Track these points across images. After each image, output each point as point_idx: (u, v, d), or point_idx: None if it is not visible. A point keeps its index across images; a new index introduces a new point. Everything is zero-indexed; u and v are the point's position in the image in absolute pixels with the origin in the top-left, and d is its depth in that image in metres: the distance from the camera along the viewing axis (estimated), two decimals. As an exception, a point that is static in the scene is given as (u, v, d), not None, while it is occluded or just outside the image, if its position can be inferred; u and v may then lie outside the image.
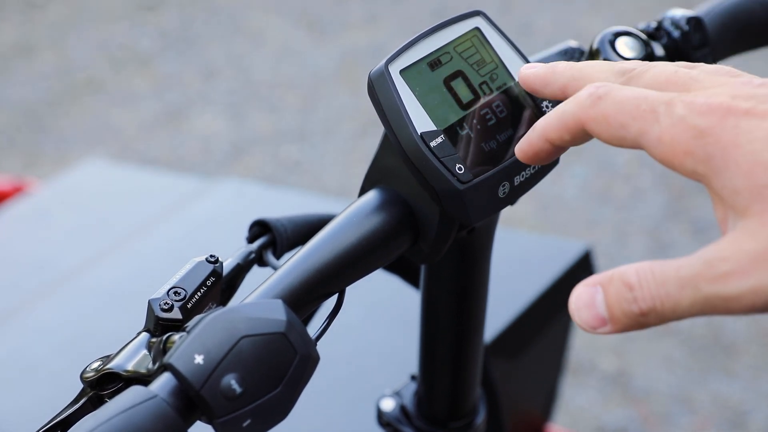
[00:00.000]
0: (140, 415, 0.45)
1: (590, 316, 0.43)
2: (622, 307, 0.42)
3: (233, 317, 0.47)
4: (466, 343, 0.73)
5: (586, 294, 0.44)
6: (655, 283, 0.42)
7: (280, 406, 0.47)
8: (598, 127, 0.46)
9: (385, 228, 0.58)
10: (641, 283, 0.42)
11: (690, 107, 0.43)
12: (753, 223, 0.41)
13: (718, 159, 0.42)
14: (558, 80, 0.51)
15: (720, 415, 2.14)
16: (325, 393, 1.07)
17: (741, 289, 0.40)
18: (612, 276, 0.43)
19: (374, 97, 0.56)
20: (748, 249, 0.40)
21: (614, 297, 0.42)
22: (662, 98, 0.44)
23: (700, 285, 0.41)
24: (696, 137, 0.42)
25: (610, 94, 0.45)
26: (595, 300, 0.43)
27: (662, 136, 0.43)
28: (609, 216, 2.72)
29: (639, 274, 0.42)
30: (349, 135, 3.16)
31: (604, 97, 0.45)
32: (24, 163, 3.14)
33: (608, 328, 0.43)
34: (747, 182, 0.41)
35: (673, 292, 0.41)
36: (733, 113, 0.42)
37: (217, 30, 3.79)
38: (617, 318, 0.43)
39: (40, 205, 1.53)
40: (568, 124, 0.47)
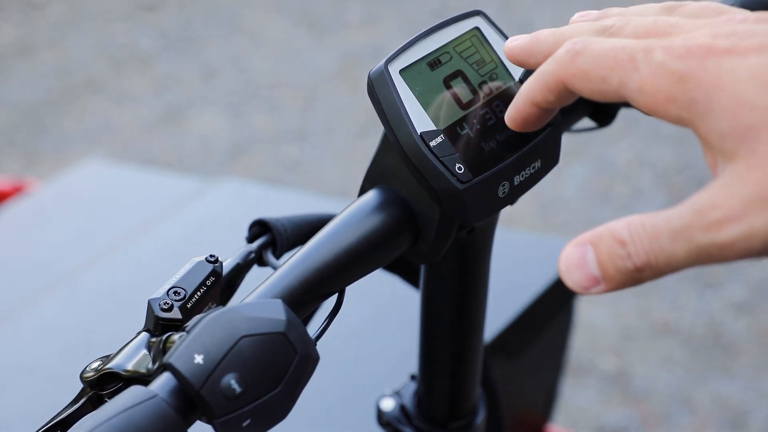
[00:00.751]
0: (140, 414, 0.44)
1: (582, 276, 0.42)
2: (615, 264, 0.41)
3: (233, 317, 0.47)
4: (466, 343, 0.73)
5: (575, 253, 0.42)
6: (648, 237, 0.40)
7: (280, 406, 0.47)
8: (579, 83, 0.45)
9: (384, 228, 0.58)
10: (633, 237, 0.40)
11: (669, 52, 0.42)
12: (741, 167, 0.40)
13: (702, 103, 0.41)
14: (542, 48, 0.50)
15: (720, 415, 2.15)
16: (325, 393, 1.07)
17: (735, 235, 0.39)
18: (602, 233, 0.41)
19: (374, 96, 0.56)
20: (739, 193, 0.39)
21: (606, 254, 0.41)
22: (640, 45, 0.43)
23: (693, 234, 0.40)
24: (677, 82, 0.41)
25: (587, 47, 0.45)
26: (586, 259, 0.42)
27: (643, 84, 0.42)
28: (609, 216, 2.72)
29: (630, 228, 0.41)
30: (349, 135, 3.16)
31: (581, 52, 0.45)
32: (24, 163, 3.14)
33: (602, 287, 0.42)
34: (732, 124, 0.40)
35: (667, 244, 0.40)
36: (713, 53, 0.41)
37: (217, 30, 3.79)
38: (611, 276, 0.41)
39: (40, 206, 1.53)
40: (550, 84, 0.46)
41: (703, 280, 2.48)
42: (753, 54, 0.41)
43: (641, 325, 2.38)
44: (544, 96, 0.47)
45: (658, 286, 2.48)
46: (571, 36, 0.48)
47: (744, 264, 2.50)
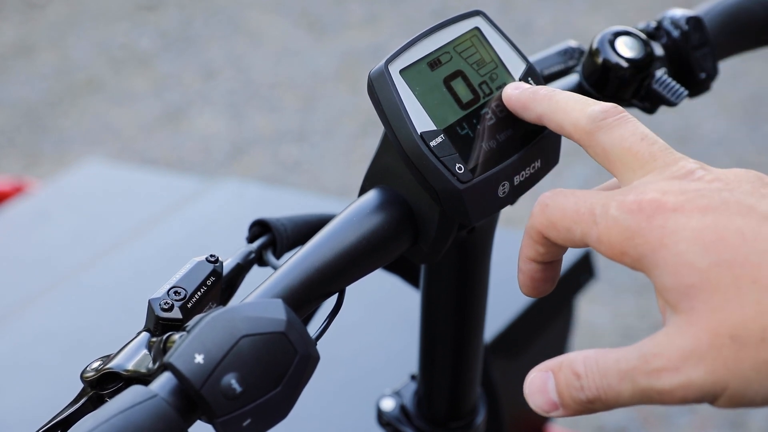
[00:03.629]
0: (140, 414, 0.45)
1: (543, 401, 0.45)
2: (571, 395, 0.44)
3: (233, 317, 0.47)
4: (466, 343, 0.73)
5: (538, 379, 0.45)
6: (599, 374, 0.43)
7: (281, 406, 0.47)
8: (550, 233, 0.48)
9: (385, 228, 0.58)
10: (587, 372, 0.43)
11: (622, 207, 0.44)
12: (682, 320, 0.42)
13: (649, 258, 0.43)
14: (536, 108, 0.53)
15: (720, 415, 2.15)
16: (325, 393, 1.07)
17: (672, 384, 0.42)
18: (562, 363, 0.44)
19: (374, 96, 0.56)
20: (678, 346, 0.42)
21: (564, 384, 0.44)
22: (599, 199, 0.46)
23: (637, 378, 0.42)
24: (628, 238, 0.44)
25: (554, 200, 0.47)
26: (547, 386, 0.45)
27: (600, 237, 0.45)
28: (609, 216, 2.72)
29: (585, 363, 0.44)
30: (349, 135, 3.16)
31: (550, 205, 0.48)
32: (24, 163, 3.14)
33: (560, 413, 0.45)
34: (675, 281, 0.42)
35: (614, 383, 0.43)
36: (661, 211, 0.44)
37: (217, 30, 3.79)
38: (567, 404, 0.44)
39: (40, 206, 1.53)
40: (533, 237, 0.49)
41: (703, 280, 2.48)
42: (697, 214, 0.43)
43: (641, 325, 2.38)
44: (534, 250, 0.50)
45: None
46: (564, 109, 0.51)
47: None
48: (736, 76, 3.15)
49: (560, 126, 0.51)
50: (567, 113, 0.50)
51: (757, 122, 3.05)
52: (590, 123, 0.49)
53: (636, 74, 0.68)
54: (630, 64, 0.67)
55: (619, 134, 0.48)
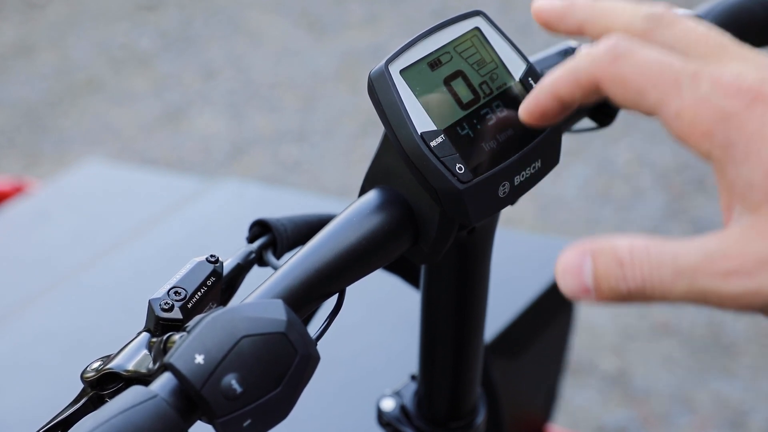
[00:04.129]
0: (140, 414, 0.45)
1: (575, 283, 0.41)
2: (609, 282, 0.40)
3: (233, 317, 0.47)
4: (466, 343, 0.73)
5: (574, 260, 0.41)
6: (650, 266, 0.40)
7: (281, 406, 0.47)
8: (613, 88, 0.42)
9: (385, 228, 0.58)
10: (634, 261, 0.40)
11: (717, 85, 0.40)
12: (762, 222, 0.39)
13: (739, 147, 0.39)
14: (576, 15, 0.47)
15: (720, 415, 2.15)
16: (325, 393, 1.07)
17: (741, 290, 0.38)
18: (603, 247, 0.41)
19: (374, 96, 0.56)
20: (754, 249, 0.39)
21: (603, 270, 0.40)
22: (687, 69, 0.41)
23: (698, 278, 0.39)
24: (719, 120, 0.40)
25: (631, 53, 0.42)
26: (583, 268, 0.41)
27: (682, 111, 0.41)
28: (609, 216, 2.72)
29: (633, 251, 0.40)
30: (349, 135, 3.16)
31: (623, 57, 0.42)
32: (24, 163, 3.14)
33: (591, 297, 0.41)
34: (766, 178, 0.39)
35: (667, 278, 0.39)
36: (762, 100, 0.40)
37: (217, 30, 3.79)
38: (602, 291, 0.41)
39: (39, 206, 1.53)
40: (581, 81, 0.44)
41: (703, 280, 2.48)
42: None
43: (641, 325, 2.38)
44: (571, 91, 0.44)
45: (658, 286, 2.48)
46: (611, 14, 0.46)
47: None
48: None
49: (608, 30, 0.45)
50: (616, 15, 0.45)
51: (757, 122, 3.05)
52: (647, 21, 0.44)
53: (636, 74, 0.68)
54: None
55: (680, 30, 0.43)
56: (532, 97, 0.46)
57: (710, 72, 0.41)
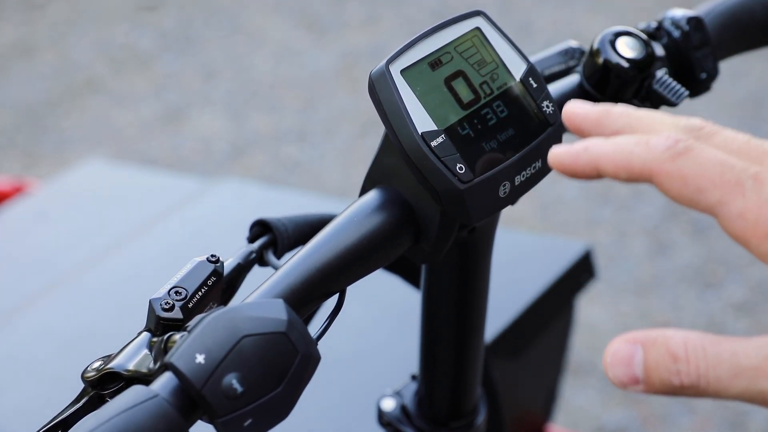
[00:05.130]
0: (141, 414, 0.45)
1: (624, 374, 0.41)
2: (660, 375, 0.40)
3: (234, 317, 0.47)
4: (467, 343, 0.73)
5: (624, 351, 0.41)
6: (706, 363, 0.40)
7: (281, 406, 0.47)
8: (670, 184, 0.42)
9: (385, 228, 0.58)
10: (689, 357, 0.40)
11: None
12: None
13: None
14: (614, 123, 0.46)
15: (720, 415, 2.15)
16: (325, 393, 1.07)
17: None
18: (656, 339, 0.41)
19: (375, 96, 0.56)
20: None
21: (654, 362, 0.40)
22: (749, 171, 0.41)
23: (758, 379, 0.39)
24: None
25: (693, 152, 0.42)
26: (634, 359, 0.41)
27: (745, 212, 0.41)
28: (609, 216, 2.72)
29: (688, 347, 0.40)
30: (349, 135, 3.16)
31: (685, 155, 0.42)
32: (24, 163, 3.14)
33: (640, 389, 0.41)
34: None
35: (725, 377, 0.39)
36: None
37: (217, 30, 3.79)
38: (653, 383, 0.41)
39: (40, 206, 1.53)
40: (634, 168, 0.43)
41: (703, 281, 2.48)
42: None
43: (641, 325, 2.38)
44: (616, 171, 0.43)
45: (658, 287, 2.48)
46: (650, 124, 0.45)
47: (744, 264, 2.50)
48: (736, 76, 3.15)
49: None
50: (656, 125, 0.45)
51: (757, 122, 3.05)
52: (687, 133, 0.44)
53: (637, 74, 0.68)
54: (631, 64, 0.67)
55: (722, 139, 0.43)
56: (570, 152, 0.45)
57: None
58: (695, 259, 2.55)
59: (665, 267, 2.54)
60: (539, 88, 0.58)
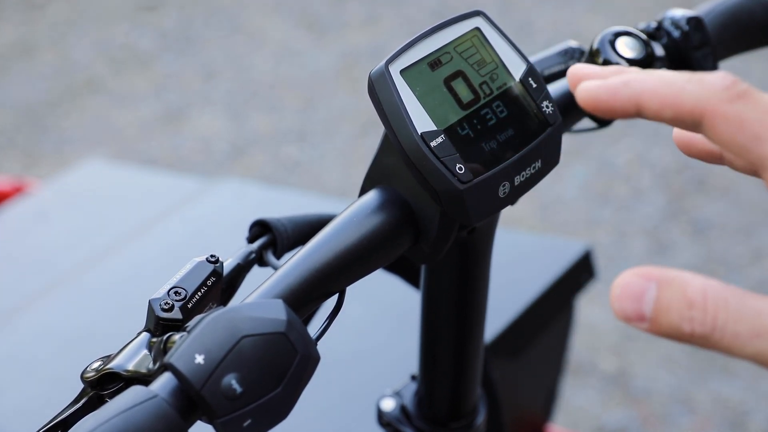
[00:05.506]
0: (141, 414, 0.45)
1: (632, 309, 0.38)
2: (671, 319, 0.37)
3: (234, 317, 0.47)
4: (467, 343, 0.73)
5: (636, 285, 0.38)
6: (726, 316, 0.37)
7: (281, 406, 0.47)
8: (725, 128, 0.38)
9: (385, 228, 0.58)
10: (707, 306, 0.37)
11: None
12: None
13: None
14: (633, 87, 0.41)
15: (720, 416, 2.15)
16: (325, 393, 1.07)
17: None
18: (673, 279, 0.38)
19: (374, 97, 0.56)
20: None
21: (667, 304, 0.37)
22: None
23: None
24: None
25: (753, 96, 0.39)
26: (645, 296, 0.38)
27: None
28: (609, 216, 2.72)
29: (708, 295, 0.37)
30: (349, 135, 3.16)
31: (744, 98, 0.39)
32: (24, 163, 3.14)
33: (645, 327, 0.38)
34: None
35: (744, 334, 0.36)
36: None
37: (217, 30, 3.79)
38: (660, 324, 0.38)
39: (40, 206, 1.53)
40: (684, 106, 0.39)
41: (703, 281, 2.48)
42: None
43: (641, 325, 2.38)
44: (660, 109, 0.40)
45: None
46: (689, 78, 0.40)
47: (744, 264, 2.50)
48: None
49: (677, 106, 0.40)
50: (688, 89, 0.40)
51: (757, 122, 3.05)
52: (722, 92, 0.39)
53: (636, 74, 0.68)
54: (630, 64, 0.67)
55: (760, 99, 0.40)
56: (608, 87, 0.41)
57: None
58: (695, 259, 2.55)
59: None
60: (539, 88, 0.58)
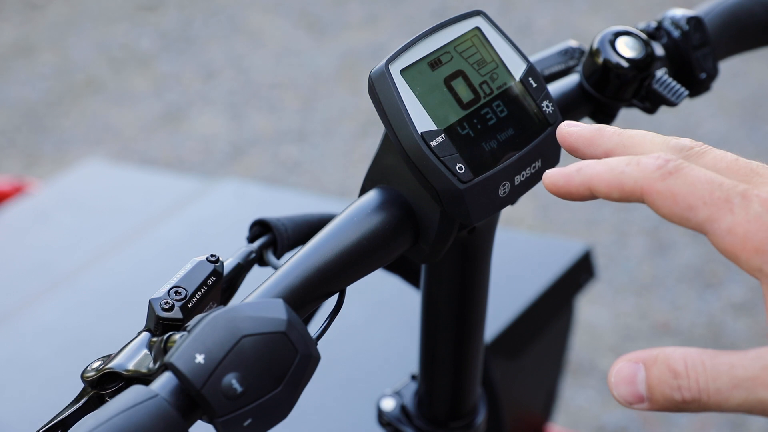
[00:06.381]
0: (141, 414, 0.45)
1: (628, 392, 0.43)
2: (663, 392, 0.42)
3: (234, 316, 0.47)
4: (467, 343, 0.73)
5: (627, 370, 0.43)
6: (705, 377, 0.41)
7: (281, 406, 0.47)
8: (661, 203, 0.43)
9: (385, 228, 0.58)
10: (689, 373, 0.41)
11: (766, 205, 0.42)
12: None
13: None
14: (605, 143, 0.48)
15: (720, 416, 2.15)
16: (325, 393, 1.07)
17: None
18: (657, 357, 0.42)
19: (375, 96, 0.56)
20: None
21: (656, 380, 0.42)
22: (737, 189, 0.42)
23: (757, 389, 0.40)
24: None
25: (682, 171, 0.43)
26: (636, 378, 0.43)
27: (734, 228, 0.42)
28: (609, 216, 2.72)
29: (687, 363, 0.41)
30: (349, 135, 3.16)
31: (675, 174, 0.43)
32: (24, 163, 3.14)
33: (645, 406, 0.43)
34: None
35: (724, 389, 0.41)
36: None
37: (217, 30, 3.79)
38: (656, 400, 0.42)
39: (40, 206, 1.53)
40: (625, 187, 0.44)
41: (703, 281, 2.48)
42: None
43: (641, 325, 2.38)
44: (608, 191, 0.45)
45: (658, 287, 2.48)
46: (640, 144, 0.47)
47: (744, 264, 2.50)
48: (736, 76, 3.15)
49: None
50: (646, 145, 0.46)
51: (756, 122, 3.05)
52: (677, 153, 0.45)
53: (636, 74, 0.68)
54: (630, 64, 0.67)
55: (711, 158, 0.45)
56: (563, 174, 0.47)
57: (758, 193, 0.42)
58: (695, 259, 2.55)
59: (665, 267, 2.54)
60: (539, 87, 0.58)
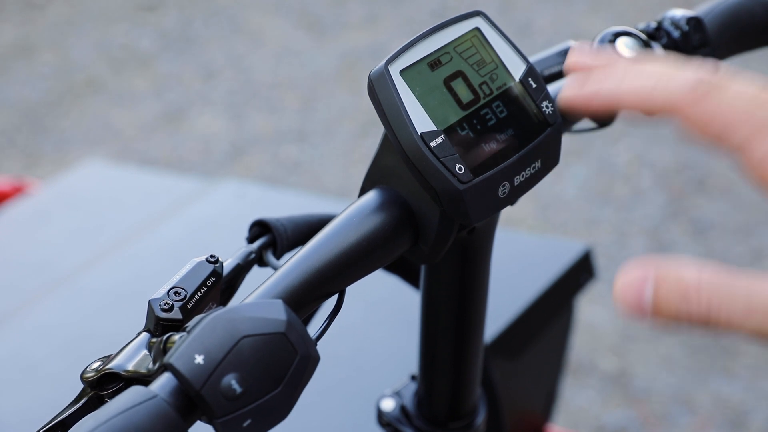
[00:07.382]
0: (140, 415, 0.45)
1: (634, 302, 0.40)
2: (670, 306, 0.39)
3: (233, 317, 0.47)
4: (466, 343, 0.73)
5: (636, 278, 0.40)
6: (719, 299, 0.38)
7: (281, 406, 0.47)
8: (696, 120, 0.40)
9: (385, 228, 0.58)
10: (701, 291, 0.39)
11: None
12: None
13: None
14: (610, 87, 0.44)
15: (720, 416, 2.15)
16: (325, 393, 1.07)
17: None
18: (669, 270, 0.39)
19: (374, 97, 0.56)
20: None
21: (665, 293, 0.39)
22: None
23: None
24: None
25: (722, 89, 0.40)
26: (644, 288, 0.39)
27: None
28: (609, 216, 2.72)
29: (701, 280, 0.39)
30: (348, 135, 3.16)
31: (713, 92, 0.40)
32: (24, 163, 3.14)
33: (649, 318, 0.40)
34: None
35: (739, 313, 0.38)
36: None
37: (217, 30, 3.79)
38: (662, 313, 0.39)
39: (40, 206, 1.53)
40: (657, 102, 0.41)
41: (703, 281, 2.48)
42: None
43: (641, 325, 2.38)
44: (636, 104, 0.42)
45: (658, 287, 2.48)
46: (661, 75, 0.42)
47: (744, 264, 2.50)
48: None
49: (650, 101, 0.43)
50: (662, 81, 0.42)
51: (757, 122, 3.05)
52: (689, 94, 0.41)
53: (636, 74, 0.68)
54: (630, 64, 0.67)
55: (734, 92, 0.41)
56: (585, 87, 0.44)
57: None
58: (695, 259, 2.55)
59: (665, 267, 2.53)
60: (539, 88, 0.58)
